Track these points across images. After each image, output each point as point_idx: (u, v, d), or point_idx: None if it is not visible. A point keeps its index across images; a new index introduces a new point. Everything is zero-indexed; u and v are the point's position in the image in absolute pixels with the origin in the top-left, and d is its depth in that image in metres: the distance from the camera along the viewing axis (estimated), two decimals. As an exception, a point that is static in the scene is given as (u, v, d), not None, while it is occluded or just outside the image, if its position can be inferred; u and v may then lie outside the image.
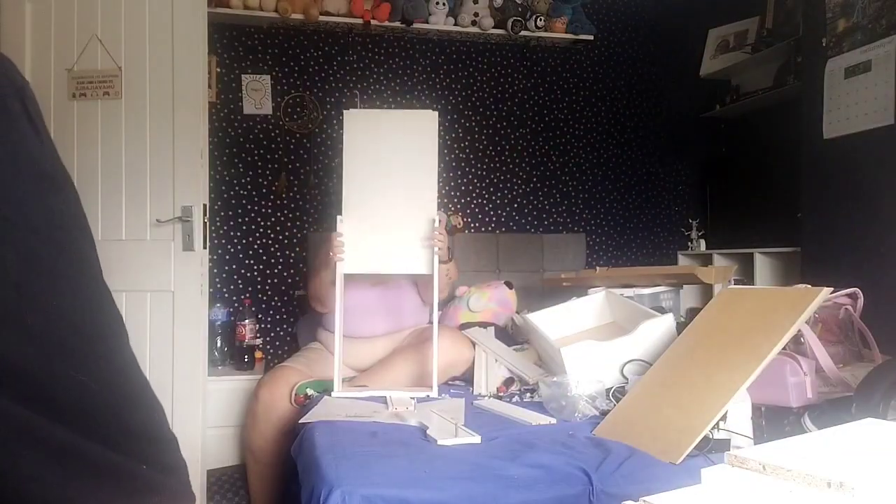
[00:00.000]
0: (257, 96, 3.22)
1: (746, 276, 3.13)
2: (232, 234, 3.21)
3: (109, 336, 0.56)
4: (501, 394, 2.09)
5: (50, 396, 0.49)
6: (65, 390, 0.50)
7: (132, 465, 0.55)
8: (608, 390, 1.84)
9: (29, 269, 0.47)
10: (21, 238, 0.47)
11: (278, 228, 3.27)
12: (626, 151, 3.75)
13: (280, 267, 3.26)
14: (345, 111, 2.29)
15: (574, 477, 1.33)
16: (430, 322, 2.55)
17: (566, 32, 3.46)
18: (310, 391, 2.16)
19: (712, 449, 1.39)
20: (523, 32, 3.38)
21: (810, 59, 2.62)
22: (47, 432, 0.49)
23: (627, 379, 1.88)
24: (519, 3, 3.44)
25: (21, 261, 0.46)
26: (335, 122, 3.33)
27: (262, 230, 3.24)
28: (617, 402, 1.74)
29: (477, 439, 1.54)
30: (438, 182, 3.40)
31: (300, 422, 1.80)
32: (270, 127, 3.25)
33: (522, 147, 3.59)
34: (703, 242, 3.60)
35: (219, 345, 2.92)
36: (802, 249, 2.67)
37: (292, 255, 3.27)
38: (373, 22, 3.20)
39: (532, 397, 2.00)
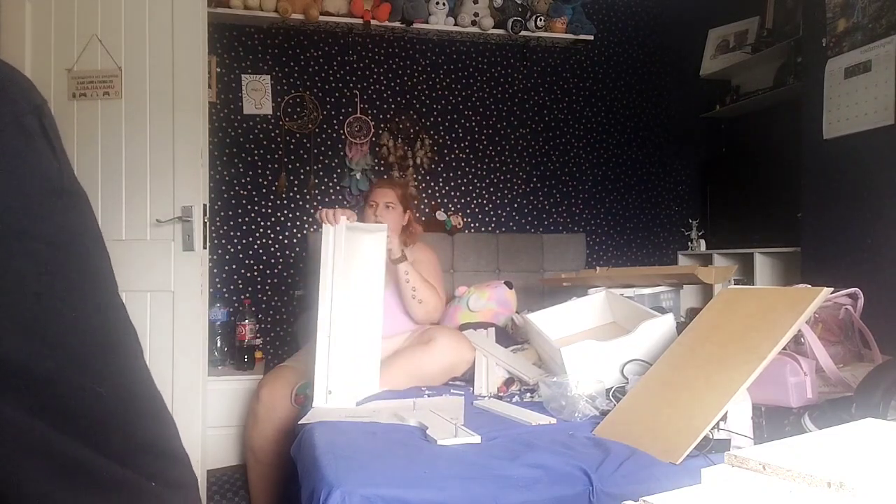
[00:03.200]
0: (257, 96, 3.23)
1: (746, 276, 3.13)
2: (232, 234, 3.21)
3: (125, 350, 0.56)
4: (502, 394, 2.09)
5: (66, 407, 0.49)
6: (80, 402, 0.50)
7: (140, 481, 0.55)
8: (608, 390, 1.84)
9: (48, 280, 0.48)
10: (40, 250, 0.47)
11: (278, 228, 3.27)
12: (626, 151, 3.75)
13: (280, 267, 3.26)
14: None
15: (574, 477, 1.33)
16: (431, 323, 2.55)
17: (566, 32, 3.46)
18: (309, 391, 2.15)
19: (712, 449, 1.38)
20: (523, 32, 3.38)
21: (810, 59, 2.62)
22: (59, 446, 0.49)
23: (627, 379, 1.88)
24: (519, 3, 3.44)
25: (40, 272, 0.47)
26: (335, 122, 3.33)
27: (262, 230, 3.25)
28: (617, 402, 1.73)
29: (477, 439, 1.54)
30: (438, 181, 3.44)
31: (299, 422, 1.80)
32: (270, 127, 3.25)
33: (522, 147, 3.59)
34: (703, 242, 3.60)
35: (219, 345, 2.92)
36: (802, 249, 2.67)
37: (292, 255, 3.27)
38: (373, 22, 3.20)
39: (532, 397, 2.00)
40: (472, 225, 3.51)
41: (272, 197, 3.26)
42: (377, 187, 2.62)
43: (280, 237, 3.27)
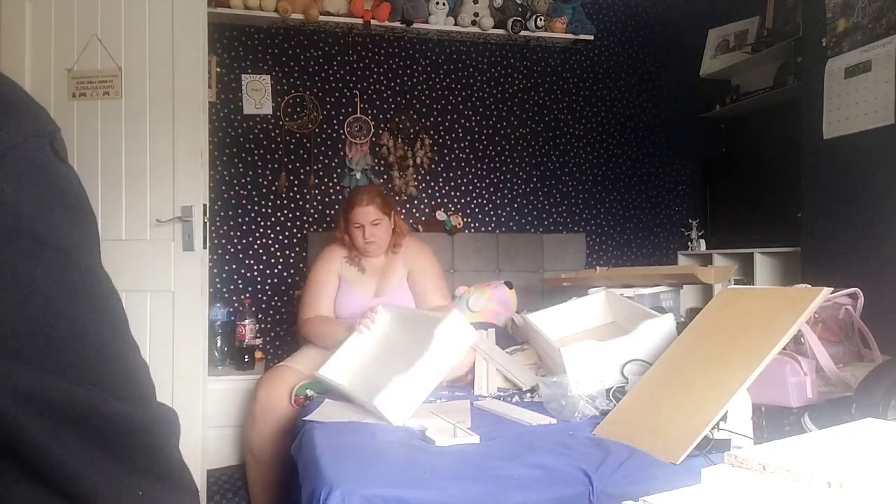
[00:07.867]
0: (257, 96, 3.22)
1: (746, 276, 3.13)
2: (232, 234, 3.21)
3: (128, 362, 0.57)
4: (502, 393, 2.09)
5: (62, 415, 0.50)
6: (78, 406, 0.51)
7: (133, 492, 0.55)
8: (608, 390, 1.84)
9: (57, 285, 0.49)
10: (51, 256, 0.48)
11: (278, 228, 3.27)
12: (626, 151, 3.75)
13: (280, 267, 3.26)
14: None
15: (574, 477, 1.33)
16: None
17: (566, 32, 3.46)
18: (310, 392, 2.16)
19: (712, 449, 1.38)
20: (523, 32, 3.38)
21: (810, 59, 2.62)
22: (51, 457, 0.49)
23: (627, 379, 1.88)
24: (519, 3, 3.44)
25: (50, 277, 0.48)
26: (335, 122, 3.33)
27: (262, 230, 3.24)
28: (617, 402, 1.73)
29: (475, 440, 1.54)
30: (438, 181, 3.44)
31: (302, 419, 1.80)
32: (270, 127, 3.25)
33: (522, 147, 3.58)
34: (703, 242, 3.60)
35: (219, 345, 2.92)
36: (802, 249, 2.67)
37: (292, 255, 3.27)
38: (373, 22, 3.19)
39: (532, 397, 2.00)
40: (472, 225, 3.51)
41: (272, 197, 3.25)
42: (357, 206, 2.41)
43: (280, 237, 3.27)
